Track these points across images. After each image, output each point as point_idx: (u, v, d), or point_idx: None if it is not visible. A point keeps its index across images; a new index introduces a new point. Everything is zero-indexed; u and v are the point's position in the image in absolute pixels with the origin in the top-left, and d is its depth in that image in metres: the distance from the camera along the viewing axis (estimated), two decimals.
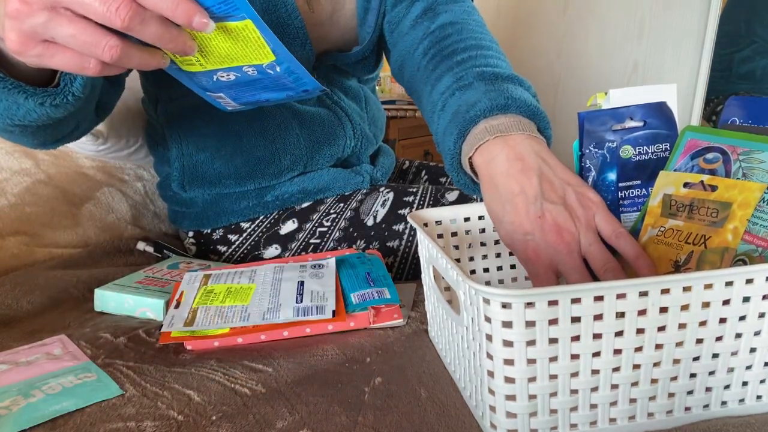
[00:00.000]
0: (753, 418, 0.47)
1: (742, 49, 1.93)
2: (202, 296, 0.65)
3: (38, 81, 0.54)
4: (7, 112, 0.55)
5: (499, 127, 0.57)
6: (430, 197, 0.88)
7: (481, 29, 0.78)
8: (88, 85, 0.56)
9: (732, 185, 0.48)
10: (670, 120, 0.57)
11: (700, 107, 1.57)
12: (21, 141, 0.66)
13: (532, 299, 0.40)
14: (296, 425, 0.47)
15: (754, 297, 0.43)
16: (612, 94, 0.58)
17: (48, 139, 0.66)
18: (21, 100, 0.53)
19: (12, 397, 0.49)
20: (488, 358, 0.43)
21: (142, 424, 0.47)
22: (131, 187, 1.03)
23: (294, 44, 0.78)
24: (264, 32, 0.45)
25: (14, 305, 0.70)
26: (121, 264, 0.87)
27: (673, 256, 0.50)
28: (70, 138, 0.71)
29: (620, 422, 0.46)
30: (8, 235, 0.84)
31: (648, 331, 0.43)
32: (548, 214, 0.52)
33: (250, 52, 0.47)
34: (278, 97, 0.58)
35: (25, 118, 0.56)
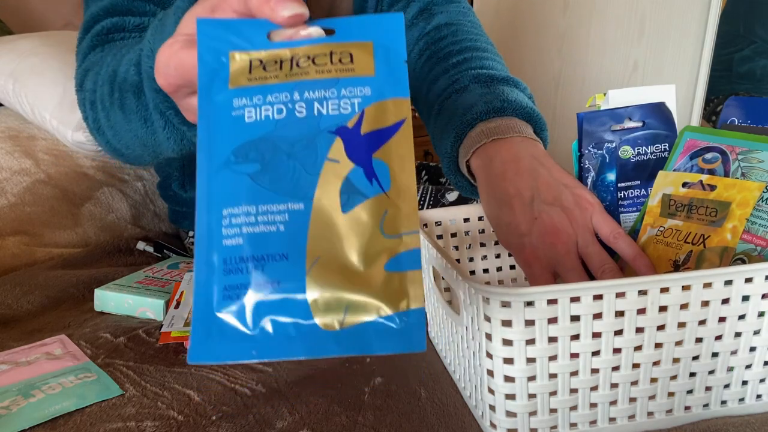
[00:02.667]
0: (753, 418, 0.47)
1: (741, 49, 1.93)
2: None
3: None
4: (144, 140, 0.55)
5: (495, 130, 0.58)
6: (430, 197, 0.88)
7: (476, 30, 0.78)
8: None
9: (731, 185, 0.48)
10: (669, 120, 0.57)
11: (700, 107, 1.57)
12: (129, 161, 0.65)
13: (531, 298, 0.40)
14: (296, 425, 0.47)
15: (753, 296, 0.43)
16: (611, 95, 0.58)
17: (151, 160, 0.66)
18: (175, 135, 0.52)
19: (12, 397, 0.49)
20: (488, 357, 0.43)
21: (142, 424, 0.47)
22: (131, 187, 1.03)
23: None
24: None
25: (14, 305, 0.70)
26: (121, 264, 0.86)
27: (673, 256, 0.50)
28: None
29: (620, 421, 0.46)
30: (8, 235, 0.84)
31: (647, 330, 0.43)
32: (545, 215, 0.52)
33: None
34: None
35: (160, 147, 0.55)
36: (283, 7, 0.32)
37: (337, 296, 0.30)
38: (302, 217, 0.31)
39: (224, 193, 0.31)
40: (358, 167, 0.31)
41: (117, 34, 0.64)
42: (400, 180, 0.31)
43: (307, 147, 0.32)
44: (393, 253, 0.31)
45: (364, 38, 0.33)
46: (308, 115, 0.32)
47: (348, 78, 0.33)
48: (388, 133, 0.32)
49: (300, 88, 0.32)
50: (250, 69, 0.33)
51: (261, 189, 0.31)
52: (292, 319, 0.30)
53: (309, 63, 0.33)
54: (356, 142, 0.32)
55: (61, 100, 0.93)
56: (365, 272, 0.30)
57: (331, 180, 0.31)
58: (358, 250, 0.30)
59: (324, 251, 0.30)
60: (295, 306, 0.30)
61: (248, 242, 0.30)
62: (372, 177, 0.31)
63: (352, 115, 0.32)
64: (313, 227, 0.31)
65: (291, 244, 0.31)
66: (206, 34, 0.33)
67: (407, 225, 0.31)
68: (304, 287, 0.30)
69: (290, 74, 0.33)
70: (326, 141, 0.32)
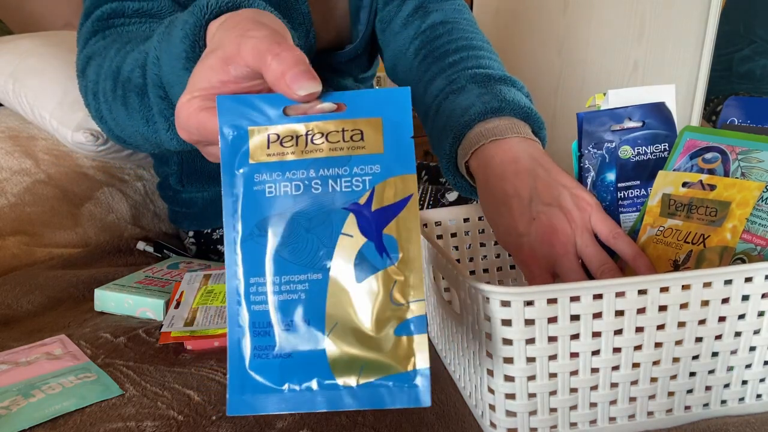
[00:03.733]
0: (753, 417, 0.47)
1: (741, 49, 1.93)
2: (202, 296, 0.65)
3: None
4: (149, 137, 0.56)
5: (493, 130, 0.58)
6: (430, 197, 0.89)
7: (472, 28, 0.78)
8: None
9: (731, 184, 0.48)
10: (669, 120, 0.57)
11: (700, 107, 1.57)
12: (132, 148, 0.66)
13: (531, 297, 0.40)
14: (296, 425, 0.47)
15: (753, 295, 0.43)
16: (611, 95, 0.59)
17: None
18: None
19: (12, 397, 0.50)
20: (488, 356, 0.43)
21: (142, 424, 0.47)
22: (131, 187, 1.03)
23: (299, 31, 0.78)
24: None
25: (14, 305, 0.70)
26: (121, 264, 0.87)
27: (673, 256, 0.50)
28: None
29: (620, 421, 0.46)
30: (8, 235, 0.84)
31: (647, 329, 0.43)
32: (543, 215, 0.52)
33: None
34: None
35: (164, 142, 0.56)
36: (299, 87, 0.34)
37: (353, 357, 0.34)
38: (321, 287, 0.35)
39: (250, 262, 0.35)
40: (369, 242, 0.35)
41: (117, 20, 0.64)
42: (408, 252, 0.35)
43: (323, 222, 0.35)
44: (401, 319, 0.34)
45: (374, 114, 0.36)
46: (323, 191, 0.35)
47: (359, 156, 0.36)
48: (396, 209, 0.35)
49: (315, 165, 0.35)
50: (268, 144, 0.36)
51: (283, 261, 0.35)
52: (314, 376, 0.34)
53: (323, 140, 0.36)
54: (367, 218, 0.35)
55: (61, 100, 0.93)
56: (377, 336, 0.34)
57: (345, 253, 0.35)
58: (370, 316, 0.34)
59: (341, 317, 0.34)
60: (317, 366, 0.34)
61: (274, 308, 0.34)
62: (382, 251, 0.35)
63: (364, 192, 0.35)
64: (330, 296, 0.35)
65: (312, 311, 0.34)
66: (226, 109, 0.36)
67: (414, 294, 0.34)
68: (324, 349, 0.34)
69: (306, 151, 0.36)
70: (341, 217, 0.35)
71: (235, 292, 0.35)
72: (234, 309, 0.35)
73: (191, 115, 0.38)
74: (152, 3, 0.65)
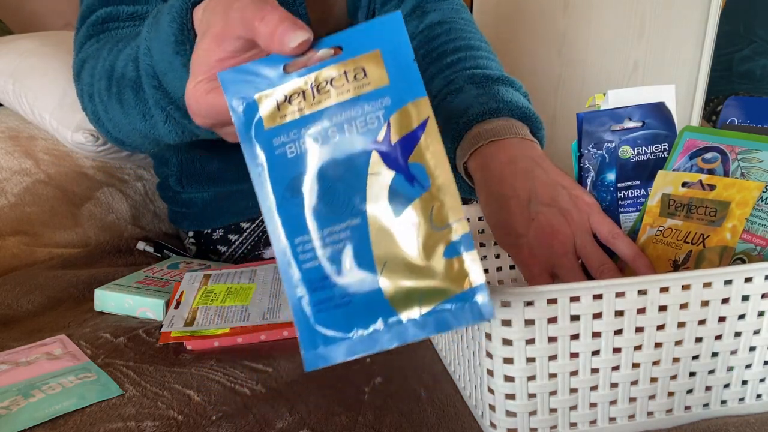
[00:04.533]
0: (753, 417, 0.47)
1: (741, 49, 1.93)
2: (202, 296, 0.65)
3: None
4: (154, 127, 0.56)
5: (492, 131, 0.58)
6: None
7: (470, 28, 0.78)
8: None
9: (730, 184, 0.48)
10: (669, 120, 0.57)
11: (700, 107, 1.57)
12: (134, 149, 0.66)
13: (531, 297, 0.40)
14: (296, 425, 0.47)
15: (753, 295, 0.43)
16: (610, 95, 0.59)
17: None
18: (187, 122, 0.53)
19: (12, 397, 0.50)
20: (488, 356, 0.43)
21: (142, 424, 0.47)
22: (131, 187, 1.03)
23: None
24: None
25: (14, 305, 0.70)
26: (121, 264, 0.86)
27: (672, 256, 0.50)
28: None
29: (620, 421, 0.46)
30: (8, 235, 0.84)
31: (647, 329, 0.43)
32: (542, 216, 0.52)
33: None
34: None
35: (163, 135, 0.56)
36: (289, 39, 0.34)
37: (410, 289, 0.34)
38: (362, 230, 0.35)
39: (290, 225, 0.35)
40: (398, 174, 0.35)
41: (112, 24, 0.65)
42: (438, 176, 0.34)
43: (349, 168, 0.35)
44: (447, 242, 0.34)
45: (371, 48, 0.35)
46: (341, 137, 0.35)
47: (367, 93, 0.35)
48: (416, 135, 0.35)
49: (328, 114, 0.35)
50: (278, 107, 0.36)
51: (320, 215, 0.35)
52: (378, 317, 0.34)
53: (329, 88, 0.35)
54: (390, 152, 0.35)
55: (61, 100, 0.93)
56: (428, 264, 0.34)
57: (377, 192, 0.35)
58: (417, 246, 0.34)
59: (389, 254, 0.34)
60: (378, 306, 0.34)
61: (323, 262, 0.35)
62: (413, 180, 0.35)
63: (380, 127, 0.35)
64: (373, 236, 0.35)
65: (359, 255, 0.35)
66: (230, 83, 0.36)
67: (453, 215, 0.34)
68: (380, 289, 0.34)
69: (315, 103, 0.35)
70: (364, 158, 0.35)
71: (284, 256, 0.35)
72: (286, 272, 0.35)
73: (200, 99, 0.38)
74: (146, 7, 0.65)
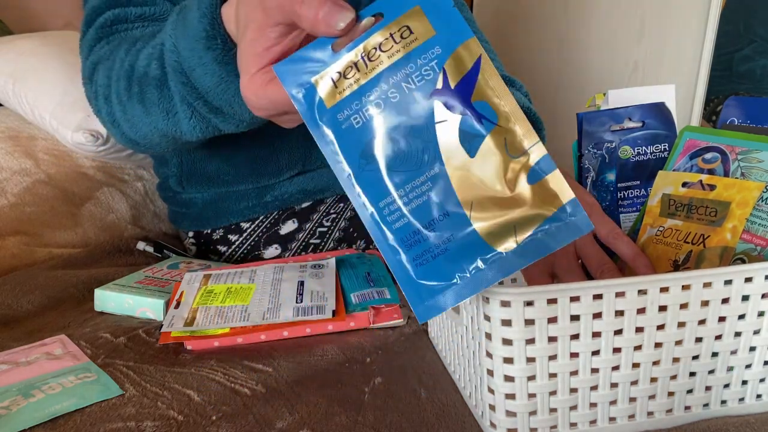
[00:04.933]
0: (752, 417, 0.47)
1: (741, 49, 1.93)
2: (202, 296, 0.65)
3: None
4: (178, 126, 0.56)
5: None
6: None
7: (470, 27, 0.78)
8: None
9: (730, 184, 0.48)
10: (669, 120, 0.57)
11: (700, 107, 1.57)
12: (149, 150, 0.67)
13: (531, 297, 0.40)
14: (296, 425, 0.47)
15: (753, 295, 0.43)
16: (611, 95, 0.59)
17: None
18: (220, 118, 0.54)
19: (12, 397, 0.49)
20: (488, 356, 0.43)
21: (142, 424, 0.47)
22: (131, 187, 1.03)
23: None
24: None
25: (14, 305, 0.70)
26: (121, 264, 0.86)
27: (672, 256, 0.50)
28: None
29: (620, 421, 0.46)
30: (8, 235, 0.84)
31: (647, 329, 0.43)
32: None
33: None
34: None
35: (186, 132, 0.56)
36: (336, 22, 0.35)
37: (503, 223, 0.35)
38: (443, 179, 0.36)
39: (372, 191, 0.36)
40: (464, 116, 0.36)
41: (121, 26, 0.65)
42: (503, 109, 0.35)
43: (415, 123, 0.36)
44: (528, 168, 0.35)
45: (410, 6, 0.36)
46: (401, 96, 0.36)
47: (417, 48, 0.36)
48: (473, 75, 0.36)
49: (384, 77, 0.36)
50: (335, 84, 0.37)
51: (398, 174, 0.36)
52: (477, 256, 0.35)
53: (379, 53, 0.36)
54: (452, 97, 0.36)
55: (61, 100, 0.93)
56: (515, 194, 0.35)
57: (448, 138, 0.35)
58: (499, 180, 0.35)
59: (474, 195, 0.35)
60: (475, 247, 0.35)
61: (413, 217, 0.36)
62: (480, 118, 0.36)
63: (437, 76, 0.36)
64: (455, 182, 0.35)
65: (446, 203, 0.36)
66: (286, 74, 0.37)
67: (528, 141, 0.35)
68: (474, 231, 0.35)
69: (369, 71, 0.36)
70: (428, 109, 0.36)
71: (371, 221, 0.36)
72: (379, 237, 0.36)
73: (259, 93, 0.39)
74: (154, 8, 0.65)
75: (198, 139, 0.57)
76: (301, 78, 0.37)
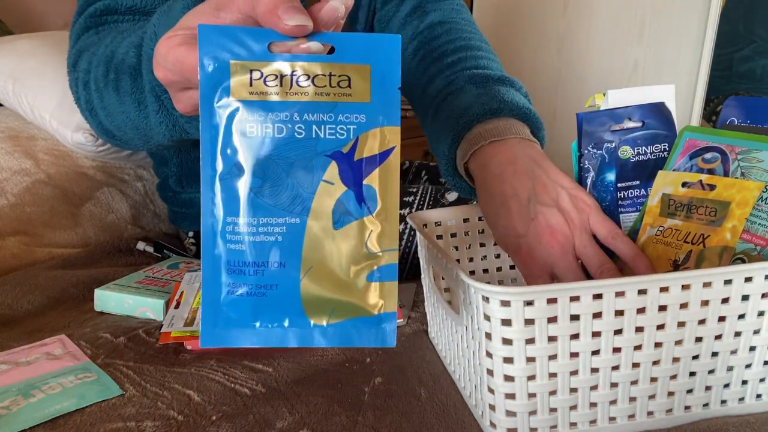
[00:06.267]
0: (752, 417, 0.47)
1: (741, 49, 1.93)
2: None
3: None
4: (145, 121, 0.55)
5: (492, 131, 0.58)
6: (430, 197, 0.88)
7: (470, 28, 0.78)
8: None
9: (730, 184, 0.48)
10: (669, 120, 0.57)
11: (700, 107, 1.57)
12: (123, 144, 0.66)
13: (531, 297, 0.40)
14: (296, 425, 0.47)
15: (753, 295, 0.43)
16: (610, 95, 0.58)
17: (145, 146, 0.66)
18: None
19: (12, 397, 0.50)
20: (488, 356, 0.43)
21: (142, 424, 0.47)
22: (131, 187, 1.03)
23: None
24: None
25: (14, 305, 0.70)
26: (121, 264, 0.86)
27: (672, 256, 0.50)
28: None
29: (620, 421, 0.46)
30: (8, 235, 0.84)
31: (647, 329, 0.43)
32: (541, 216, 0.52)
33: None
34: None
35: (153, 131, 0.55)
36: (290, 17, 0.33)
37: (325, 299, 0.35)
38: (298, 231, 0.35)
39: (228, 201, 0.34)
40: (349, 191, 0.35)
41: (110, 17, 0.64)
42: (386, 203, 0.35)
43: (305, 167, 0.35)
44: (374, 267, 0.35)
45: (362, 61, 0.35)
46: (307, 137, 0.35)
47: (345, 103, 0.35)
48: (379, 159, 0.36)
49: (300, 109, 0.35)
50: (251, 81, 0.34)
51: (262, 203, 0.35)
52: (287, 315, 0.35)
53: (309, 83, 0.35)
54: (349, 168, 0.35)
55: (61, 100, 0.93)
56: (350, 281, 0.35)
57: (325, 200, 0.35)
58: (345, 262, 0.35)
59: (316, 261, 0.35)
60: (291, 305, 0.35)
61: (250, 249, 0.35)
62: (362, 201, 0.35)
63: (347, 141, 0.35)
64: (307, 240, 0.35)
65: (288, 253, 0.35)
66: (207, 40, 0.34)
67: (388, 243, 0.35)
68: (298, 291, 0.35)
69: (290, 93, 0.35)
70: (322, 164, 0.35)
71: (211, 229, 0.35)
72: (209, 247, 0.35)
73: (170, 50, 0.36)
74: (145, 1, 0.65)
75: (168, 141, 0.56)
76: (221, 53, 0.34)
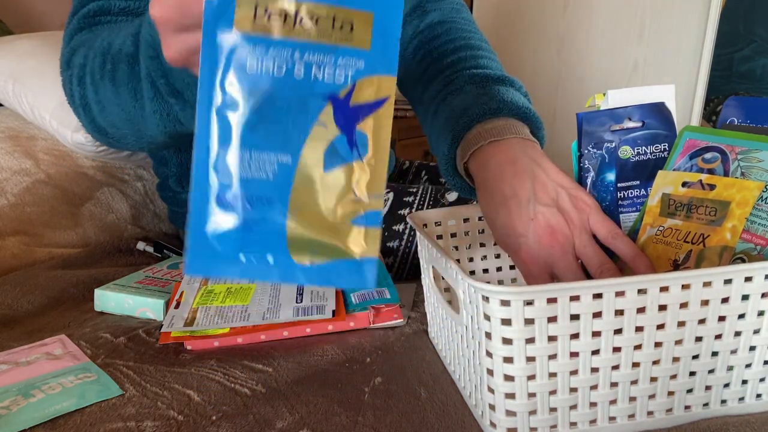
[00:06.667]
0: (752, 417, 0.47)
1: (741, 49, 1.93)
2: (202, 296, 0.65)
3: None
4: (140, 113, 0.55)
5: (492, 131, 0.58)
6: (430, 197, 0.88)
7: (470, 28, 0.78)
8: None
9: (730, 184, 0.48)
10: (669, 120, 0.57)
11: (700, 107, 1.57)
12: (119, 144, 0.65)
13: (531, 297, 0.40)
14: (296, 425, 0.47)
15: (753, 295, 0.43)
16: (610, 95, 0.58)
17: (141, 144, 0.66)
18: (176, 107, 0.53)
19: (12, 397, 0.50)
20: (488, 356, 0.43)
21: (142, 424, 0.47)
22: (131, 187, 1.03)
23: None
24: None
25: (14, 305, 0.70)
26: (121, 264, 0.87)
27: (672, 256, 0.50)
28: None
29: (620, 420, 0.46)
30: (8, 235, 0.84)
31: (647, 329, 0.43)
32: (541, 216, 0.52)
33: None
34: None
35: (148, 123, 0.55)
36: None
37: (310, 239, 0.35)
38: (289, 170, 0.35)
39: (222, 133, 0.35)
40: (342, 135, 0.35)
41: (103, 17, 0.65)
42: (377, 150, 0.36)
43: (300, 107, 0.35)
44: (360, 211, 0.36)
45: (366, 7, 0.35)
46: (305, 77, 0.35)
47: (346, 48, 0.35)
48: (373, 107, 0.36)
49: (301, 49, 0.35)
50: (254, 15, 0.34)
51: (255, 137, 0.35)
52: (271, 252, 0.35)
53: (312, 24, 0.35)
54: (344, 112, 0.36)
55: (61, 100, 0.93)
56: (335, 223, 0.36)
57: (317, 141, 0.35)
58: (332, 204, 0.36)
59: (303, 201, 0.35)
60: (275, 243, 0.35)
61: (240, 181, 0.35)
62: (353, 145, 0.36)
63: (345, 85, 0.35)
64: (297, 179, 0.35)
65: (277, 191, 0.35)
66: None
67: (375, 188, 0.36)
68: (284, 229, 0.35)
69: (293, 32, 0.35)
70: (318, 105, 0.35)
71: (205, 159, 0.35)
72: (200, 176, 0.35)
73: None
74: (138, 2, 0.65)
75: (161, 135, 0.56)
76: None
